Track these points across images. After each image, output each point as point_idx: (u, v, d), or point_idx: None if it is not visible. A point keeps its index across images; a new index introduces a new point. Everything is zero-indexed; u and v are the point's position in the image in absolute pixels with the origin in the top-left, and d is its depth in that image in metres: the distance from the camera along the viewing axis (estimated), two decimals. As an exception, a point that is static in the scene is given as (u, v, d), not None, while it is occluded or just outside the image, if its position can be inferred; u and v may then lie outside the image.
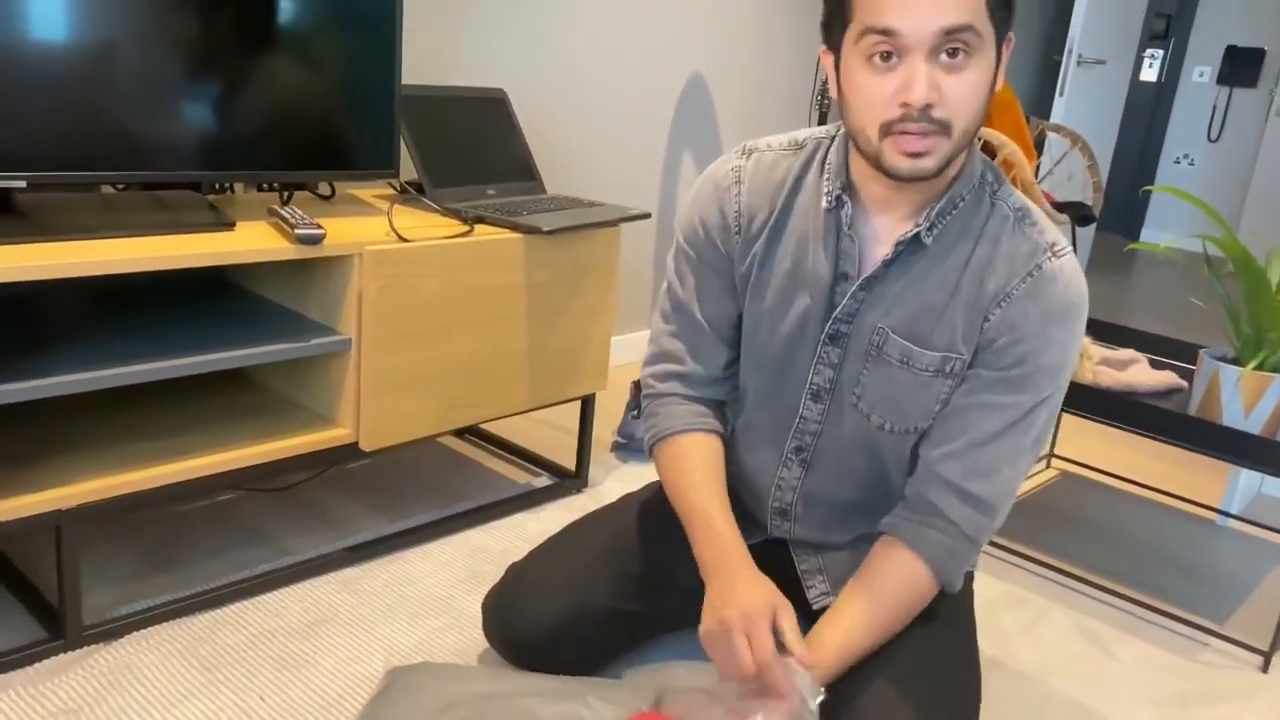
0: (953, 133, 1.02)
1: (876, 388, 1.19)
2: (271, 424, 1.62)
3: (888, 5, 0.98)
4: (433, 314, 1.65)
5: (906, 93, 0.99)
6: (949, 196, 1.13)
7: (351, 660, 1.44)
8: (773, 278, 1.22)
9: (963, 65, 1.00)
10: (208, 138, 1.53)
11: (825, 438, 1.25)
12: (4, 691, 1.30)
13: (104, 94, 1.41)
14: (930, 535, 1.17)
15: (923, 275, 1.15)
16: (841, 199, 1.15)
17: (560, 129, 2.54)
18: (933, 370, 1.16)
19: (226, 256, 1.43)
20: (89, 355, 1.40)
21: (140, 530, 1.72)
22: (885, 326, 1.16)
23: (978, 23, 0.99)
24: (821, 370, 1.22)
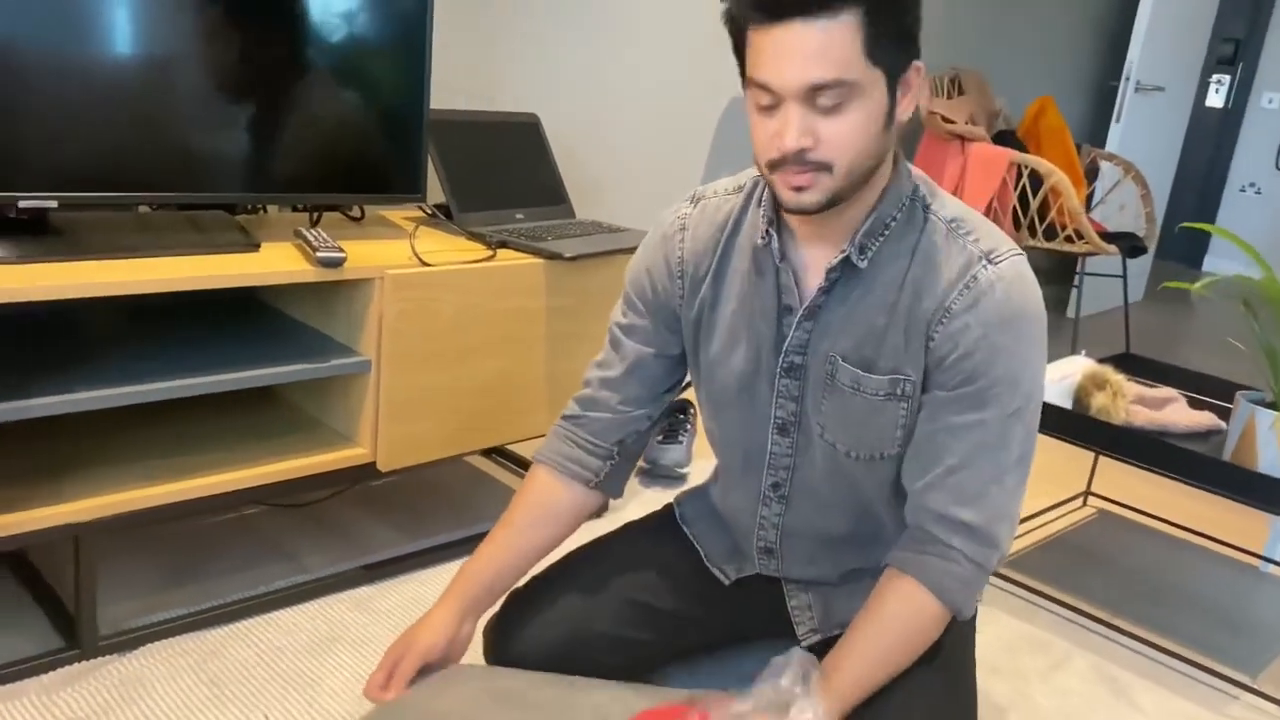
0: (835, 170, 1.05)
1: (836, 416, 1.19)
2: (293, 442, 1.65)
3: (762, 63, 1.02)
4: (452, 337, 1.66)
5: (779, 140, 1.03)
6: (875, 217, 1.13)
7: (357, 681, 1.46)
8: (721, 319, 1.23)
9: (840, 110, 1.02)
10: (237, 160, 1.56)
11: (799, 471, 1.25)
12: (18, 699, 1.33)
13: (137, 117, 1.45)
14: (931, 563, 1.15)
15: (862, 299, 1.15)
16: (769, 233, 1.16)
17: (595, 153, 2.56)
18: (884, 394, 1.16)
19: (248, 278, 1.46)
20: (116, 371, 1.44)
21: (164, 543, 1.76)
22: (835, 354, 1.16)
23: (849, 74, 1.00)
24: (783, 404, 1.22)
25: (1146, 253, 3.52)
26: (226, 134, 1.55)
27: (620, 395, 1.29)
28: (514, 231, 1.84)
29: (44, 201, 1.40)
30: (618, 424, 1.30)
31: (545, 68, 2.39)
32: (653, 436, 2.28)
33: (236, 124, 1.56)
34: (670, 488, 2.22)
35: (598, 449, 1.30)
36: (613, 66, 2.53)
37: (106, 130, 1.43)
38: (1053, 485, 2.47)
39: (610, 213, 2.63)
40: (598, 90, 2.52)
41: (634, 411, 1.30)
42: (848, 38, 0.99)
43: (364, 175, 1.71)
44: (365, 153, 1.70)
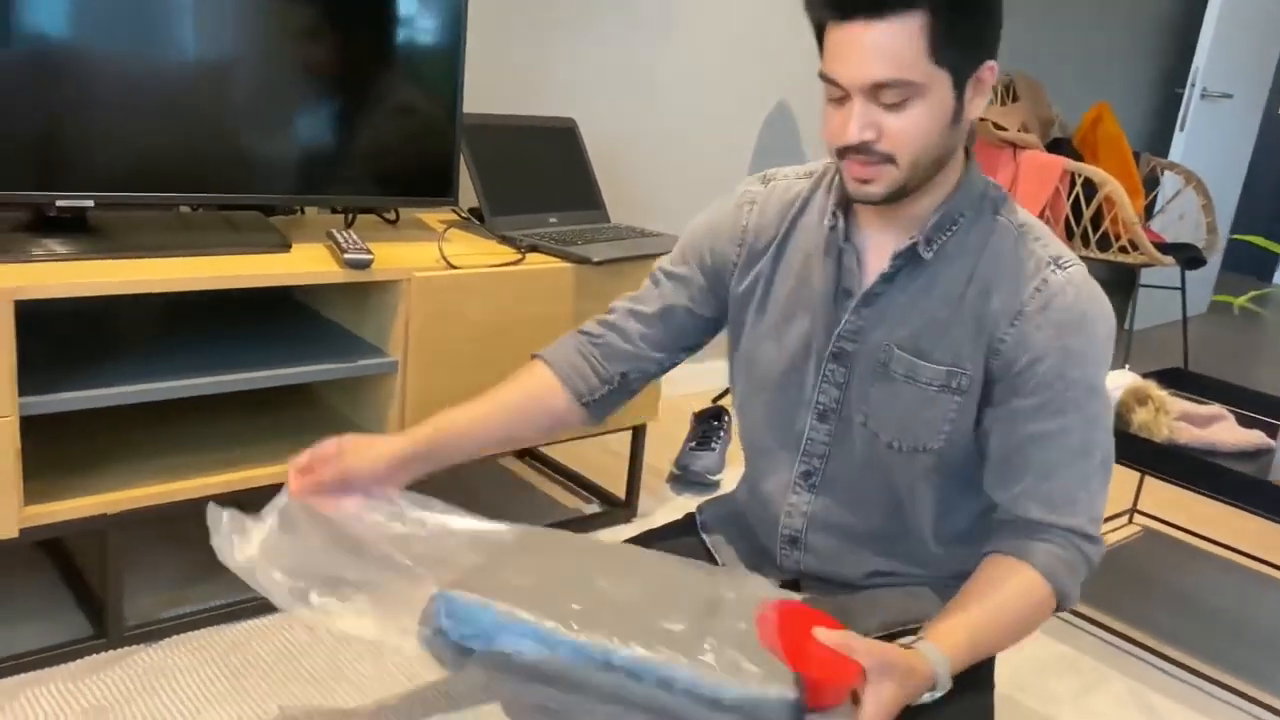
0: (899, 163, 1.07)
1: (883, 405, 1.18)
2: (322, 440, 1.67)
3: (832, 58, 1.07)
4: (478, 340, 1.67)
5: (844, 131, 1.07)
6: (945, 211, 1.14)
7: (374, 681, 1.47)
8: (776, 296, 1.24)
9: (903, 106, 1.05)
10: (274, 162, 1.59)
11: (834, 460, 1.23)
12: (44, 685, 1.37)
13: (176, 119, 1.48)
14: (1037, 546, 1.13)
15: (925, 291, 1.16)
16: (836, 214, 1.18)
17: (633, 158, 2.56)
18: (938, 385, 1.16)
19: (277, 278, 1.48)
20: (151, 367, 1.48)
21: (195, 536, 1.79)
22: (890, 343, 1.17)
23: (910, 75, 1.03)
24: (827, 389, 1.21)
25: (1205, 264, 3.42)
26: (263, 137, 1.57)
27: (644, 329, 1.28)
28: (545, 235, 1.84)
29: (81, 201, 1.44)
30: (630, 355, 1.29)
31: (584, 72, 2.39)
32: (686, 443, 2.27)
33: (273, 127, 1.58)
34: (701, 494, 2.20)
35: (602, 370, 1.28)
36: (653, 71, 2.53)
37: (145, 132, 1.46)
38: (1097, 502, 2.41)
39: (647, 218, 2.63)
40: (637, 95, 2.52)
41: (650, 352, 1.29)
42: (912, 38, 1.01)
43: (397, 178, 1.73)
44: (398, 156, 1.72)
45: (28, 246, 1.37)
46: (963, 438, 1.18)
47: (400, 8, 1.65)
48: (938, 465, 1.20)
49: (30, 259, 1.35)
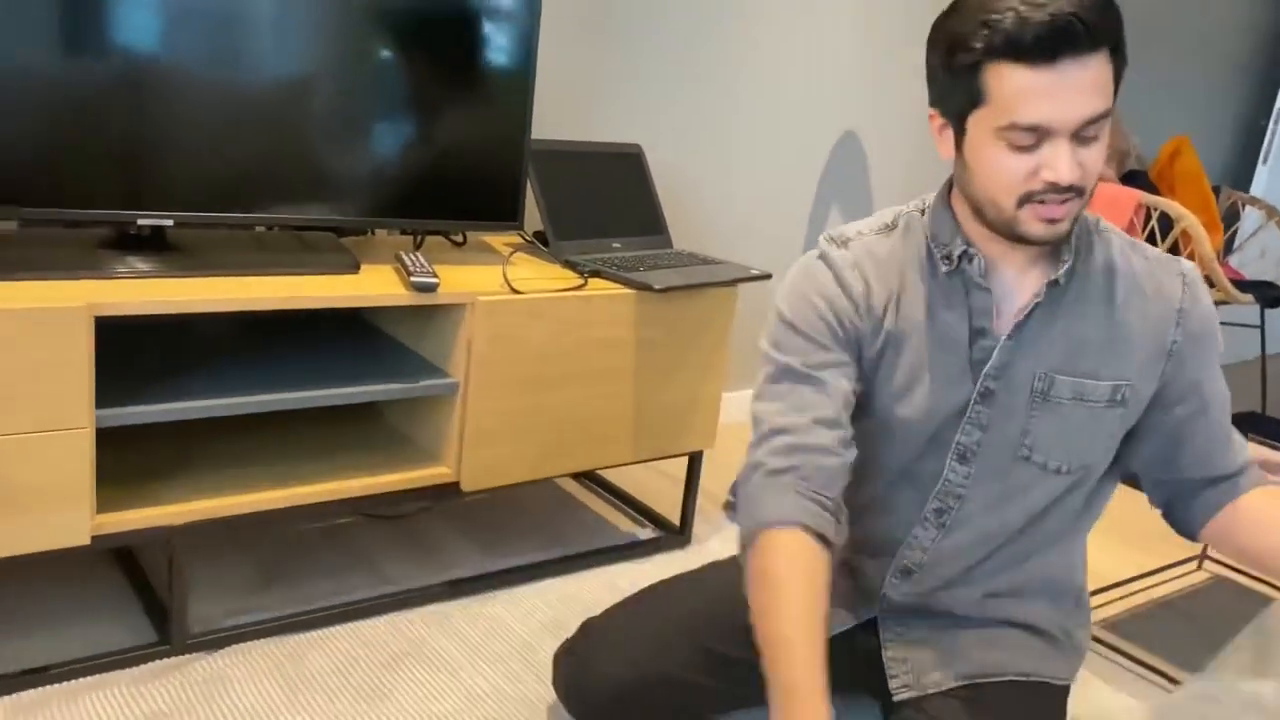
0: (1085, 194, 1.08)
1: (1049, 432, 1.19)
2: (382, 457, 1.70)
3: (1037, 105, 1.03)
4: (539, 364, 1.69)
5: (1053, 174, 1.05)
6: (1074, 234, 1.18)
7: (426, 698, 1.49)
8: (904, 355, 1.20)
9: (1097, 138, 1.06)
10: (346, 185, 1.63)
11: (971, 500, 1.23)
12: (108, 689, 1.41)
13: (254, 142, 1.53)
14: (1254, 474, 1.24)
15: (1069, 313, 1.18)
16: (967, 254, 1.17)
17: (700, 185, 2.56)
18: (1105, 401, 1.18)
19: (345, 299, 1.51)
20: (221, 383, 1.52)
21: (260, 547, 1.84)
22: (1045, 371, 1.17)
23: (1109, 104, 1.06)
24: (970, 431, 1.20)
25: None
26: (337, 160, 1.61)
27: (838, 434, 1.14)
28: (608, 261, 1.86)
29: (161, 220, 1.49)
30: (840, 470, 1.14)
31: (652, 99, 2.41)
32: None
33: (347, 151, 1.62)
34: (757, 523, 2.19)
35: (828, 502, 1.13)
36: (720, 98, 2.54)
37: (224, 154, 1.51)
38: (1164, 544, 2.35)
39: (711, 244, 2.63)
40: (704, 121, 2.53)
41: (848, 455, 1.15)
42: (1107, 70, 1.05)
43: (465, 202, 1.76)
44: (467, 181, 1.75)
45: (109, 263, 1.42)
46: (1110, 455, 1.24)
47: (472, 35, 1.69)
48: (1084, 489, 1.24)
49: (111, 275, 1.40)
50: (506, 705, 1.49)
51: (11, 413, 1.25)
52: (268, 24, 1.49)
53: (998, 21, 1.02)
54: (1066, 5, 1.00)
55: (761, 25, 2.56)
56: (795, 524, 1.09)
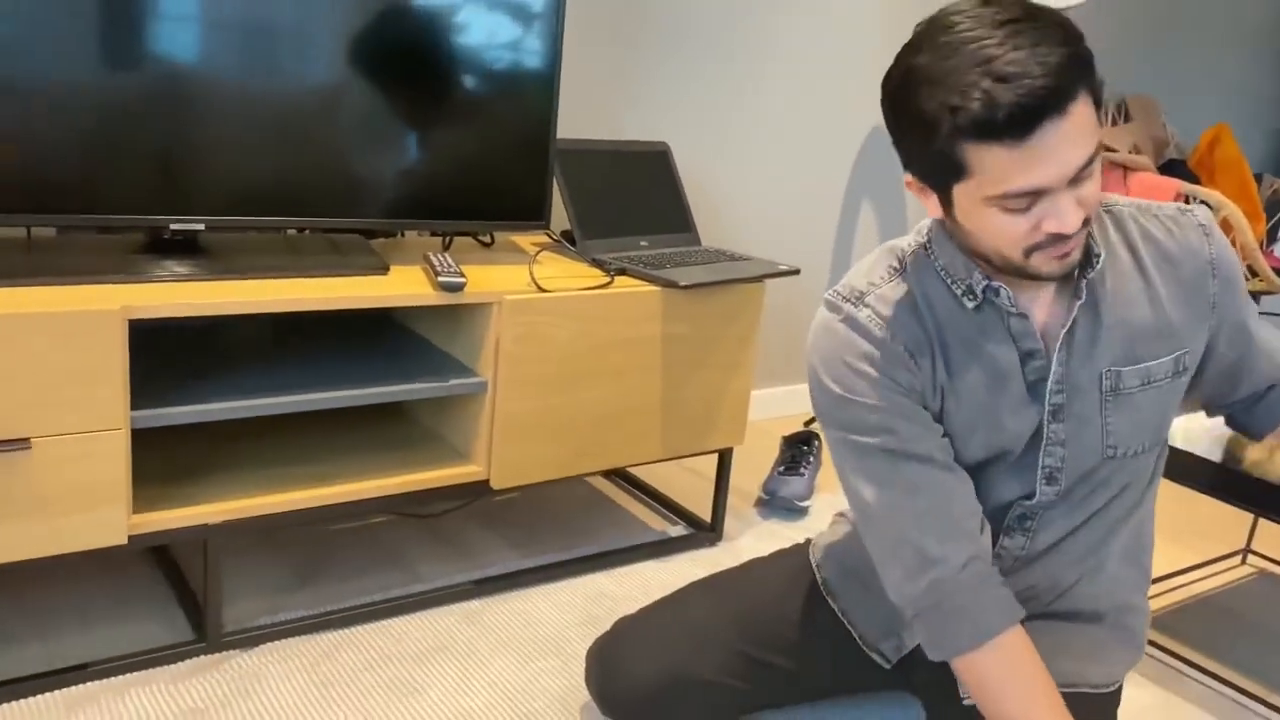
0: (1089, 221, 1.06)
1: (1129, 425, 1.19)
2: (412, 456, 1.72)
3: (1027, 174, 0.96)
4: (566, 362, 1.70)
5: (1058, 225, 1.00)
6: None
7: (457, 693, 1.50)
8: (963, 397, 1.15)
9: (1092, 174, 1.01)
10: (374, 188, 1.65)
11: (1055, 508, 1.22)
12: (147, 686, 1.44)
13: (284, 147, 1.55)
14: None
15: (1111, 304, 1.16)
16: (990, 288, 1.12)
17: (727, 182, 2.56)
18: (1169, 376, 1.18)
19: (374, 300, 1.53)
20: (254, 384, 1.54)
21: (294, 545, 1.86)
22: (1107, 368, 1.16)
23: (1098, 139, 1.00)
24: (1053, 451, 1.17)
25: (1333, 292, 3.24)
26: (365, 164, 1.63)
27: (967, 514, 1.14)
28: (635, 259, 1.86)
29: (193, 224, 1.51)
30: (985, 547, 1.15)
31: (678, 97, 2.41)
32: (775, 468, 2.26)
33: (375, 154, 1.64)
34: (788, 520, 2.19)
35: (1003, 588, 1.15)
36: (748, 95, 2.53)
37: (255, 158, 1.53)
38: (1206, 540, 2.31)
39: (739, 241, 2.62)
40: (731, 118, 2.52)
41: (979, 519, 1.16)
42: (1088, 109, 0.98)
43: (491, 203, 1.77)
44: (493, 182, 1.76)
45: (142, 267, 1.45)
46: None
47: (497, 37, 1.70)
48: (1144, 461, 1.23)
49: (144, 279, 1.42)
50: (537, 701, 1.50)
51: (49, 414, 1.28)
52: (296, 31, 1.52)
53: (961, 107, 0.94)
54: (1034, 70, 0.92)
55: (789, 20, 2.55)
56: (1007, 627, 1.10)
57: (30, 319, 1.24)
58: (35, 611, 1.57)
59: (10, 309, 1.24)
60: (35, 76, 1.36)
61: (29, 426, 1.27)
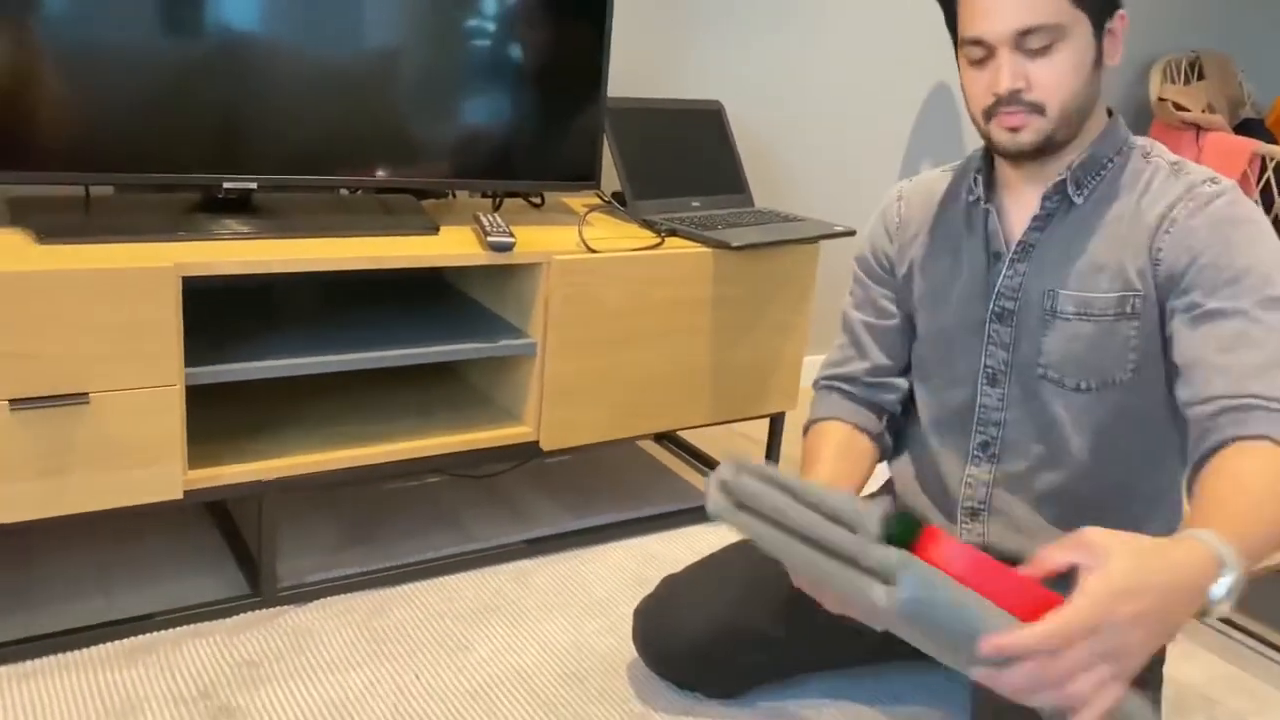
0: (1047, 111, 1.11)
1: (1061, 350, 1.19)
2: (464, 417, 1.72)
3: (973, 19, 1.11)
4: (616, 323, 1.68)
5: (994, 83, 1.11)
6: (1091, 154, 1.17)
7: (506, 650, 1.51)
8: (930, 279, 1.28)
9: (1049, 51, 1.09)
10: (426, 149, 1.64)
11: (1011, 425, 1.24)
12: (204, 638, 1.47)
13: (335, 107, 1.55)
14: (1255, 417, 0.99)
15: (1079, 232, 1.17)
16: (977, 179, 1.23)
17: (783, 142, 2.51)
18: (1113, 313, 1.15)
19: (424, 260, 1.53)
20: (308, 342, 1.55)
21: (348, 504, 1.88)
22: (1055, 288, 1.18)
23: (1055, 18, 1.07)
24: (993, 352, 1.23)
25: None
26: (417, 124, 1.63)
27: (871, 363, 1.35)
28: (686, 220, 1.84)
29: (246, 183, 1.52)
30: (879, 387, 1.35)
31: (733, 54, 2.37)
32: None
33: (427, 114, 1.63)
34: (841, 486, 2.16)
35: (871, 407, 1.35)
36: (805, 52, 2.48)
37: (308, 118, 1.54)
38: (1277, 512, 2.23)
39: (794, 202, 2.58)
40: (787, 75, 2.47)
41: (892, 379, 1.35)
42: None
43: (542, 163, 1.76)
44: (544, 142, 1.75)
45: (196, 226, 1.46)
46: (1153, 369, 1.15)
47: (548, -7, 1.68)
48: (1132, 405, 1.18)
49: (198, 237, 1.44)
50: (586, 660, 1.50)
51: (106, 370, 1.30)
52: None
53: None
54: None
55: (847, -24, 2.49)
56: (832, 418, 1.33)
57: (88, 275, 1.26)
58: (97, 565, 1.61)
59: (69, 266, 1.26)
60: (93, 38, 1.37)
61: (87, 381, 1.29)
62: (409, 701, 1.38)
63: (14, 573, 1.56)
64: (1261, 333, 1.03)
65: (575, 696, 1.43)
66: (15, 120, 1.35)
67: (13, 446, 1.26)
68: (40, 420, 1.27)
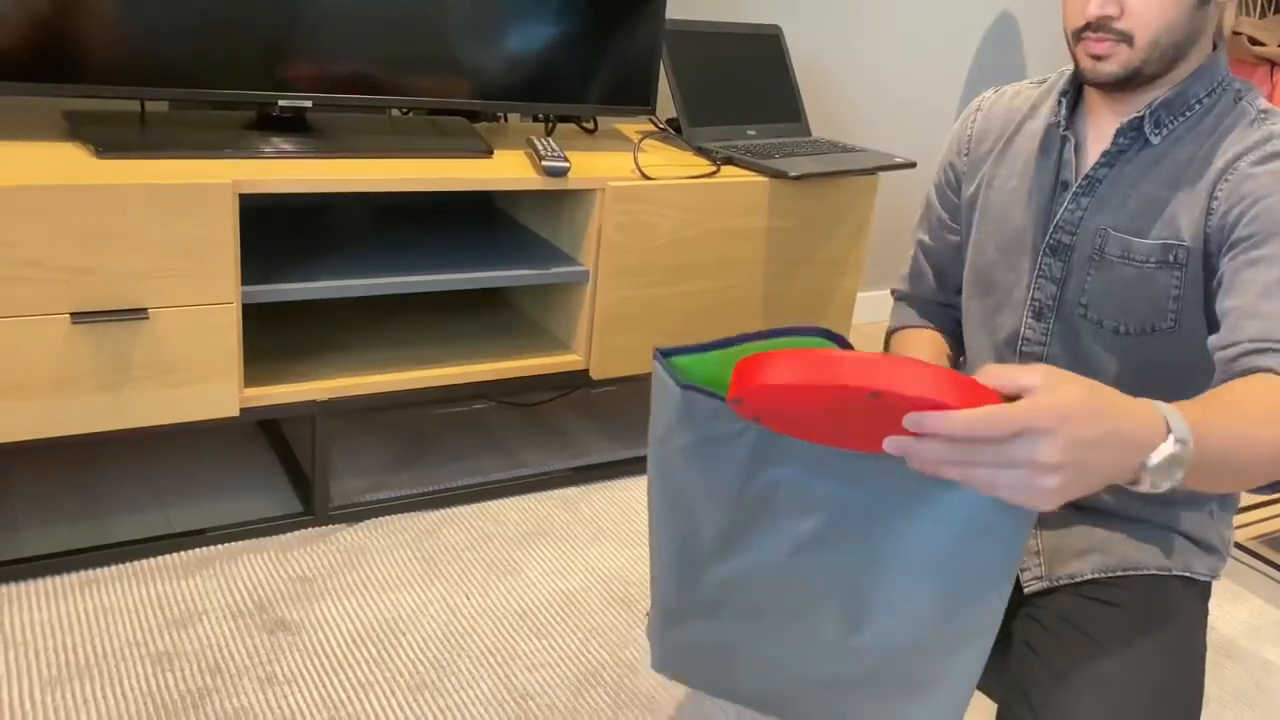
0: (1135, 42, 1.04)
1: (1102, 291, 1.14)
2: (515, 344, 1.72)
3: None
4: (670, 253, 1.66)
5: (1087, 6, 1.05)
6: (1179, 91, 1.10)
7: (554, 574, 1.52)
8: (997, 197, 1.23)
9: None
10: (480, 69, 1.62)
11: (1050, 359, 1.20)
12: (258, 553, 1.49)
13: (392, 26, 1.52)
14: (1265, 358, 0.96)
15: (1147, 173, 1.11)
16: (1060, 102, 1.17)
17: (841, 70, 2.45)
18: (1155, 261, 1.11)
19: (478, 183, 1.51)
20: (361, 264, 1.55)
21: (399, 427, 1.90)
22: (1107, 227, 1.13)
23: None
24: (1043, 285, 1.18)
25: None
26: (470, 44, 1.60)
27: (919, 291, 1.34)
28: (742, 148, 1.80)
29: (301, 101, 1.51)
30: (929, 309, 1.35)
31: (796, -21, 2.30)
32: None
33: (480, 35, 1.60)
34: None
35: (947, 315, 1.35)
36: (869, -22, 2.40)
37: (362, 37, 1.51)
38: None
39: (852, 133, 2.52)
40: (848, 2, 2.40)
41: (939, 299, 1.34)
42: None
43: (596, 87, 1.72)
44: (599, 65, 1.71)
45: (251, 143, 1.45)
46: (1195, 322, 1.11)
47: (607, -90, 1.63)
48: (1174, 355, 1.13)
49: (253, 155, 1.43)
50: (633, 585, 1.52)
51: (164, 286, 1.31)
52: (401, -100, 1.47)
53: None
54: None
55: (913, -103, 2.39)
56: (915, 326, 1.32)
57: (148, 190, 1.26)
58: (156, 481, 1.64)
59: (130, 180, 1.25)
60: (147, -53, 1.35)
61: (146, 297, 1.30)
62: (460, 620, 1.40)
63: (75, 485, 1.60)
64: None
65: (622, 621, 1.44)
66: (74, 33, 1.34)
67: (74, 360, 1.28)
68: (101, 334, 1.29)
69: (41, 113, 1.49)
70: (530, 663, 1.34)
